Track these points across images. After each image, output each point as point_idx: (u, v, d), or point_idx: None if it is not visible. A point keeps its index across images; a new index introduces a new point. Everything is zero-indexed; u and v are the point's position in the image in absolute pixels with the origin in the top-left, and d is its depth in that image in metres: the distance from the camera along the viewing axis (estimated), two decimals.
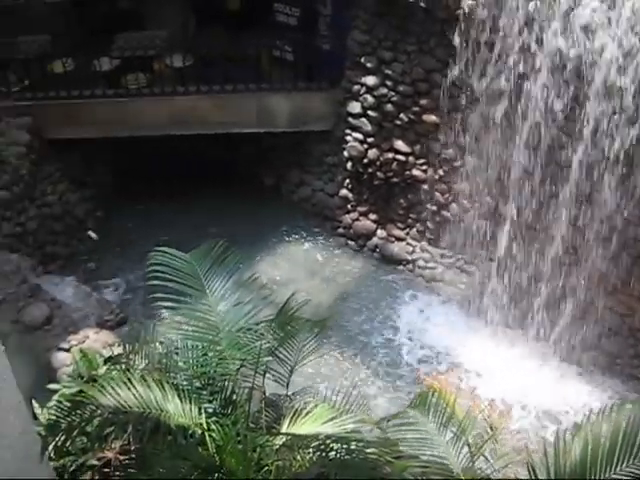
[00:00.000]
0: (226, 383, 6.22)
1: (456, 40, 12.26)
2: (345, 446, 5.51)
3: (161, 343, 6.69)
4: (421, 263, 14.46)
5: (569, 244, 12.09)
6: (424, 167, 13.99)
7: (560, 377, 12.33)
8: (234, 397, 6.17)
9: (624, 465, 5.14)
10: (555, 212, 12.15)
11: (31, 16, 15.28)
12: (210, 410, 6.07)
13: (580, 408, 11.08)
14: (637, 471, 5.10)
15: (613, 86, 10.57)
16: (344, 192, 14.95)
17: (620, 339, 12.19)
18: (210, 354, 6.35)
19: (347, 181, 14.86)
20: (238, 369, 6.23)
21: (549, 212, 12.28)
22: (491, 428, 6.17)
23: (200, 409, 5.82)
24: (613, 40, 10.45)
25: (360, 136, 14.23)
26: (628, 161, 10.94)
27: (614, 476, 5.16)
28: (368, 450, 5.54)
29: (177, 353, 6.51)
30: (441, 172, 13.75)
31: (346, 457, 5.47)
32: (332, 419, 5.53)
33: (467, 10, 12.03)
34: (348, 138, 14.42)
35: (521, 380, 12.05)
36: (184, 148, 16.23)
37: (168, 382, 5.83)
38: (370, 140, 14.15)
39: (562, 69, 11.13)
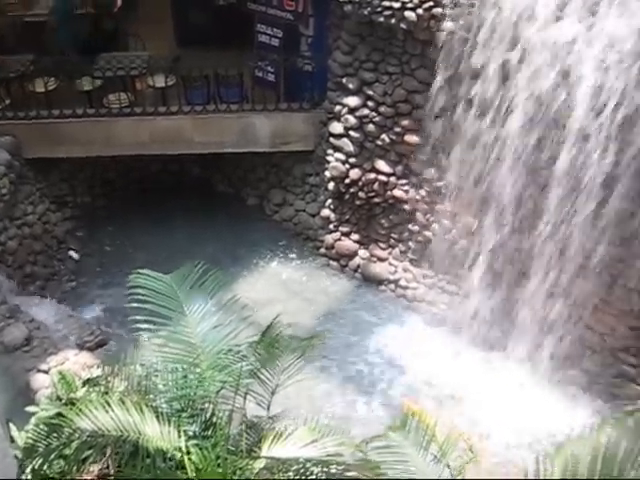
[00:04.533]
0: (206, 405, 6.18)
1: (438, 61, 12.37)
2: (325, 469, 5.49)
3: (141, 365, 6.65)
4: (403, 283, 14.47)
5: (550, 264, 12.15)
6: (406, 187, 14.04)
7: (541, 397, 12.32)
8: (214, 419, 6.13)
9: None
10: (536, 232, 12.21)
11: (12, 35, 15.31)
12: (190, 433, 6.03)
13: (561, 429, 11.07)
14: None
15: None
16: (326, 212, 14.98)
17: (601, 358, 12.23)
18: (190, 376, 6.31)
19: (329, 201, 14.89)
20: (218, 391, 6.20)
21: (530, 232, 12.34)
22: (470, 451, 6.16)
23: (179, 432, 5.78)
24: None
25: (342, 156, 14.28)
26: (606, 183, 11.07)
27: None
28: (348, 473, 5.52)
29: (157, 375, 6.46)
30: (423, 192, 13.81)
31: None
32: (312, 442, 5.52)
33: (447, 32, 12.15)
34: (330, 158, 14.47)
35: (502, 401, 12.05)
36: (166, 168, 16.27)
37: (147, 405, 5.79)
38: (352, 160, 14.20)
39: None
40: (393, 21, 12.51)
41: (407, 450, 6.24)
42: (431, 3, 12.13)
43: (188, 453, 5.66)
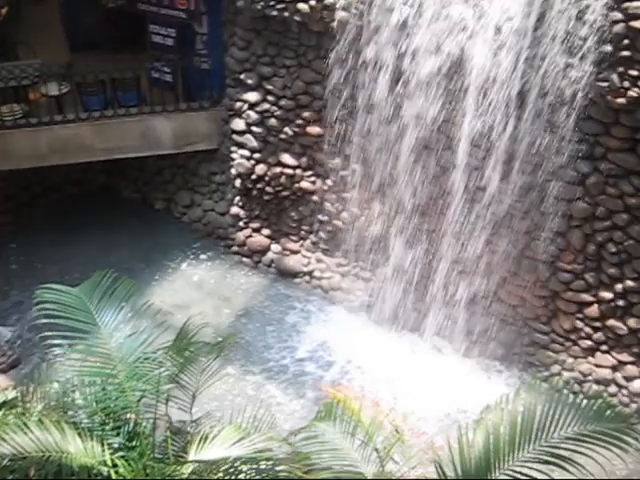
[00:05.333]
0: (129, 415, 6.08)
1: (333, 51, 12.48)
2: (255, 466, 5.49)
3: (57, 382, 6.49)
4: (317, 274, 14.57)
5: (459, 241, 12.46)
6: (312, 179, 14.14)
7: (460, 372, 12.65)
8: (138, 429, 6.04)
9: (525, 451, 5.30)
10: (444, 211, 12.50)
11: None
12: (115, 445, 5.92)
13: (481, 400, 11.38)
14: (539, 456, 5.27)
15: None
16: (235, 210, 14.92)
17: (514, 329, 12.63)
18: (109, 388, 6.20)
19: (237, 198, 14.84)
20: (139, 400, 6.11)
21: (438, 212, 12.62)
22: (396, 431, 6.28)
23: (104, 446, 5.67)
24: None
25: (246, 152, 14.25)
26: (508, 157, 11.44)
27: (518, 463, 5.32)
28: (278, 468, 5.54)
29: (74, 391, 6.32)
30: (329, 182, 13.93)
31: (256, 477, 5.44)
32: (240, 440, 5.49)
33: (340, 22, 12.27)
34: (234, 155, 14.42)
35: (423, 379, 12.30)
36: (70, 178, 15.87)
37: (67, 422, 5.66)
38: (257, 156, 14.19)
39: (437, 74, 11.55)
40: (286, 14, 12.56)
41: (334, 438, 6.30)
42: None
43: (115, 466, 5.56)
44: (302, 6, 12.34)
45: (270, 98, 13.71)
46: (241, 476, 5.46)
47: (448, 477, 5.39)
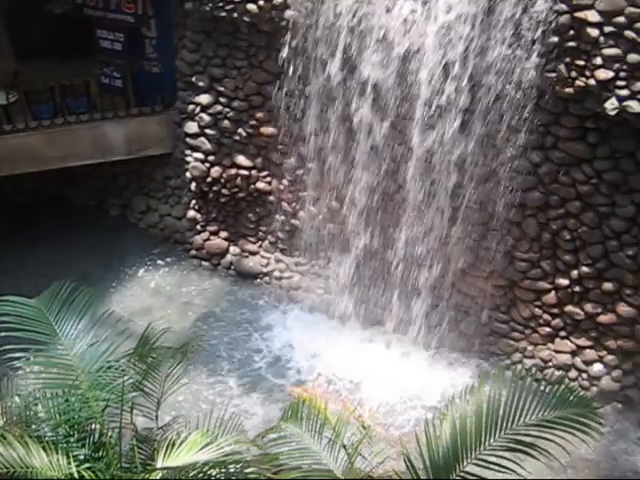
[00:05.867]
0: (93, 426, 6.01)
1: (284, 51, 12.47)
2: (224, 470, 5.46)
3: (18, 396, 6.38)
4: (277, 274, 14.56)
5: (417, 235, 12.56)
6: (268, 179, 14.12)
7: (424, 364, 12.76)
8: (104, 439, 5.97)
9: (492, 440, 5.36)
10: (400, 206, 12.59)
11: None
12: (81, 457, 5.84)
13: (445, 392, 11.52)
14: (506, 444, 5.34)
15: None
16: (192, 213, 14.82)
17: (474, 319, 12.77)
18: (72, 399, 6.11)
19: (193, 202, 14.75)
20: (103, 409, 6.03)
21: (394, 207, 12.71)
22: (363, 427, 6.30)
23: (69, 458, 5.59)
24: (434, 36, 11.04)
25: (201, 155, 14.16)
26: (461, 151, 11.57)
27: (485, 452, 5.37)
28: (247, 470, 5.52)
29: (37, 404, 6.22)
30: (285, 182, 13.92)
31: None
32: (207, 445, 5.46)
33: (290, 20, 12.26)
34: (189, 159, 14.32)
35: (387, 374, 12.38)
36: (23, 188, 15.61)
37: (31, 436, 5.56)
38: (211, 158, 14.11)
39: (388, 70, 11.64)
40: (235, 15, 12.50)
41: (302, 438, 6.31)
42: None
43: (81, 479, 5.48)
44: (251, 6, 12.30)
45: (222, 100, 13.65)
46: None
47: (417, 469, 5.43)
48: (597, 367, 12.04)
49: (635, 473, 11.11)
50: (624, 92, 9.90)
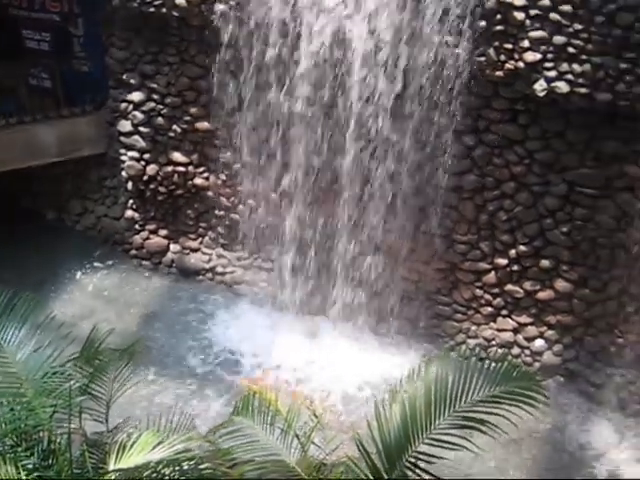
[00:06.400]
0: (41, 434, 5.90)
1: (216, 44, 12.39)
2: (177, 468, 5.42)
3: None
4: (220, 269, 14.48)
5: (356, 223, 12.65)
6: (205, 174, 14.02)
7: (371, 351, 12.86)
8: (53, 446, 5.87)
9: (442, 419, 5.45)
10: (338, 195, 12.64)
11: None
12: (30, 466, 5.73)
13: (393, 376, 11.64)
14: (454, 421, 5.43)
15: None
16: (129, 213, 14.62)
17: (417, 304, 12.94)
18: (18, 407, 5.98)
19: (131, 201, 14.55)
20: (51, 416, 5.93)
21: (333, 196, 12.76)
22: (315, 415, 6.34)
23: (18, 468, 5.48)
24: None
25: (136, 154, 13.98)
26: (397, 137, 11.68)
27: (436, 431, 5.46)
28: (201, 466, 5.50)
29: None
30: (223, 177, 13.85)
31: (180, 478, 5.39)
32: (159, 444, 5.42)
33: (220, 14, 12.18)
34: (124, 158, 14.12)
35: (335, 362, 12.46)
36: None
37: None
38: (146, 156, 13.95)
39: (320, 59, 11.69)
40: (164, 10, 12.38)
41: (254, 430, 6.31)
42: None
43: None
44: (179, 1, 12.19)
45: (155, 97, 13.49)
46: (165, 479, 5.39)
47: (370, 453, 5.48)
48: (538, 343, 12.35)
49: (580, 445, 11.43)
50: (552, 73, 10.17)
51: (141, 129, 13.77)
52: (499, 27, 10.28)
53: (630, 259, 11.25)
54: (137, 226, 14.69)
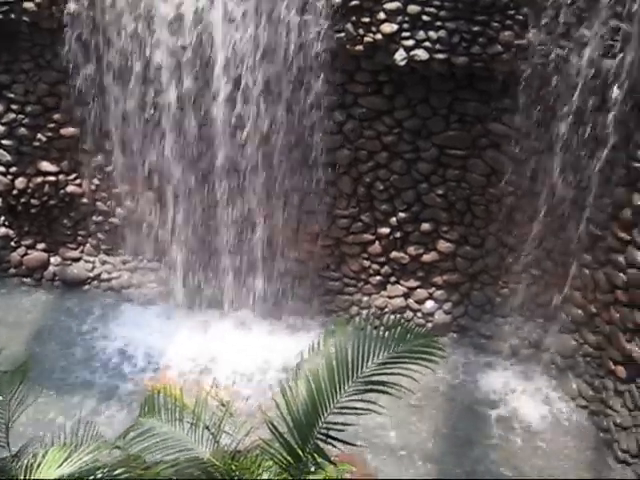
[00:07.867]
0: None
1: (70, 46, 12.04)
2: (92, 478, 5.34)
3: None
4: (105, 276, 14.14)
5: (237, 212, 12.66)
6: (78, 181, 13.63)
7: (270, 334, 12.95)
8: None
9: (346, 387, 5.59)
10: (215, 185, 12.59)
11: None
12: None
13: (293, 355, 11.75)
14: (359, 387, 5.58)
15: None
16: (3, 230, 14.02)
17: (309, 283, 13.10)
18: None
19: (2, 218, 13.96)
20: None
21: (209, 187, 12.69)
22: (222, 404, 6.35)
23: None
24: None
25: (1, 168, 13.41)
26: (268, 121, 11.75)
27: (343, 400, 5.58)
28: (115, 472, 5.43)
29: None
30: (96, 181, 13.52)
31: None
32: (67, 458, 5.32)
33: (72, 15, 11.82)
34: None
35: (235, 350, 12.50)
36: None
37: None
38: (13, 170, 13.40)
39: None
40: (13, 16, 11.87)
41: (162, 429, 6.26)
42: None
43: None
44: (28, 5, 11.71)
45: (14, 107, 12.94)
46: None
47: (282, 433, 5.57)
48: (429, 304, 12.78)
49: (477, 400, 11.91)
50: (410, 42, 10.47)
51: (4, 142, 13.20)
52: (355, 2, 10.47)
53: (503, 213, 11.80)
54: (13, 243, 14.10)
